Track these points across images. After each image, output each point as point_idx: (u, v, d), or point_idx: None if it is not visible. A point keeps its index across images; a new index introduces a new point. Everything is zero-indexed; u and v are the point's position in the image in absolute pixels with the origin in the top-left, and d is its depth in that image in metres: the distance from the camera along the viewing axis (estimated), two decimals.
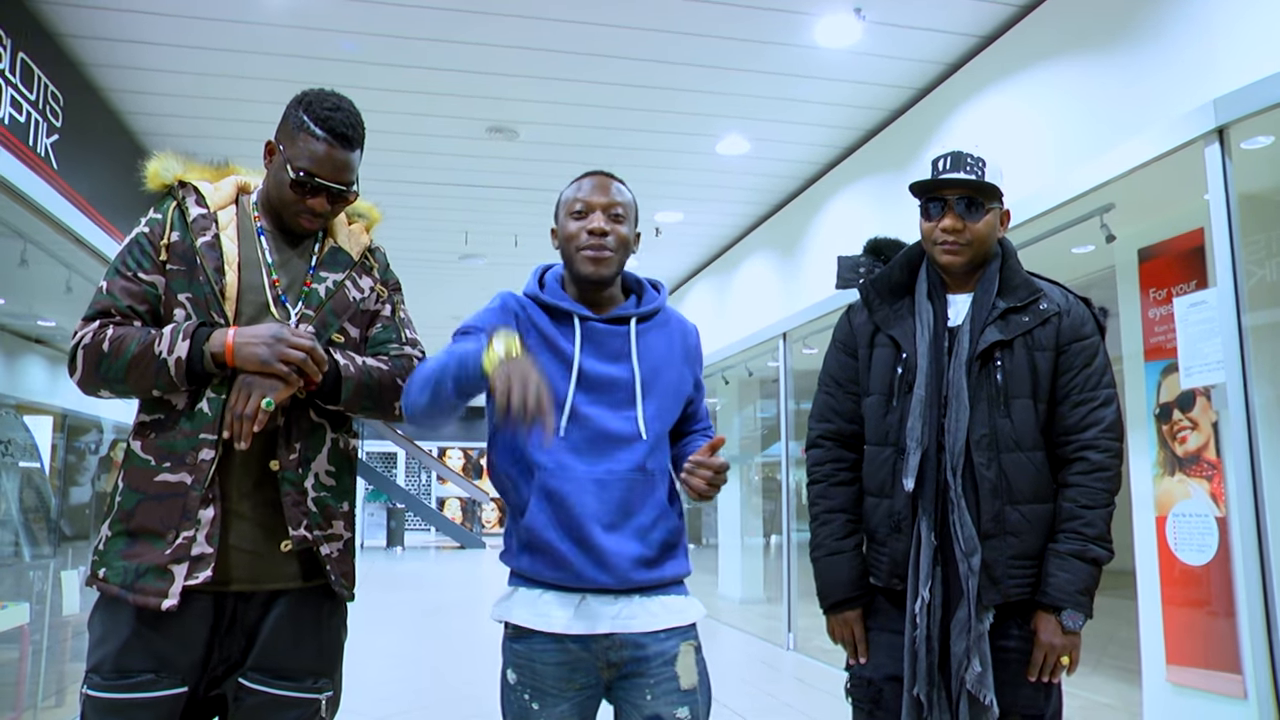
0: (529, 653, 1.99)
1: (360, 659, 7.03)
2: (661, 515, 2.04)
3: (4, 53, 4.34)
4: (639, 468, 2.02)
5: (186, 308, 1.92)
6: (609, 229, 2.05)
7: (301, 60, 5.42)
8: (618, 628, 1.96)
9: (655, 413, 2.07)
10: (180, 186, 2.02)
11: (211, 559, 1.84)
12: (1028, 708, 2.09)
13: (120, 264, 1.96)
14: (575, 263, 2.07)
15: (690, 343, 2.21)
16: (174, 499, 1.85)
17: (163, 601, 1.80)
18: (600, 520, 1.97)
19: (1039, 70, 4.83)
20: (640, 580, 1.99)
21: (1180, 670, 4.45)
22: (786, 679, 6.56)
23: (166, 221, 1.97)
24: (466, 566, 16.66)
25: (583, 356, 2.04)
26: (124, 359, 1.85)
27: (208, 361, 1.85)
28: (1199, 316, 3.82)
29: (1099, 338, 2.19)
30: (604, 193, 2.09)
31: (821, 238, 7.36)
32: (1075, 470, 2.11)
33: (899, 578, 2.16)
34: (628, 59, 5.51)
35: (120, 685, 1.81)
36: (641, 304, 2.15)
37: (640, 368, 2.07)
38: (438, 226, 8.84)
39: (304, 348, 1.86)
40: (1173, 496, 4.51)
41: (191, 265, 1.93)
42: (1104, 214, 4.51)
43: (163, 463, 1.88)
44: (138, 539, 1.86)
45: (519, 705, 2.00)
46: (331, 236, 2.13)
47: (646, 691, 1.97)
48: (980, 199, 2.15)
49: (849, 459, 2.31)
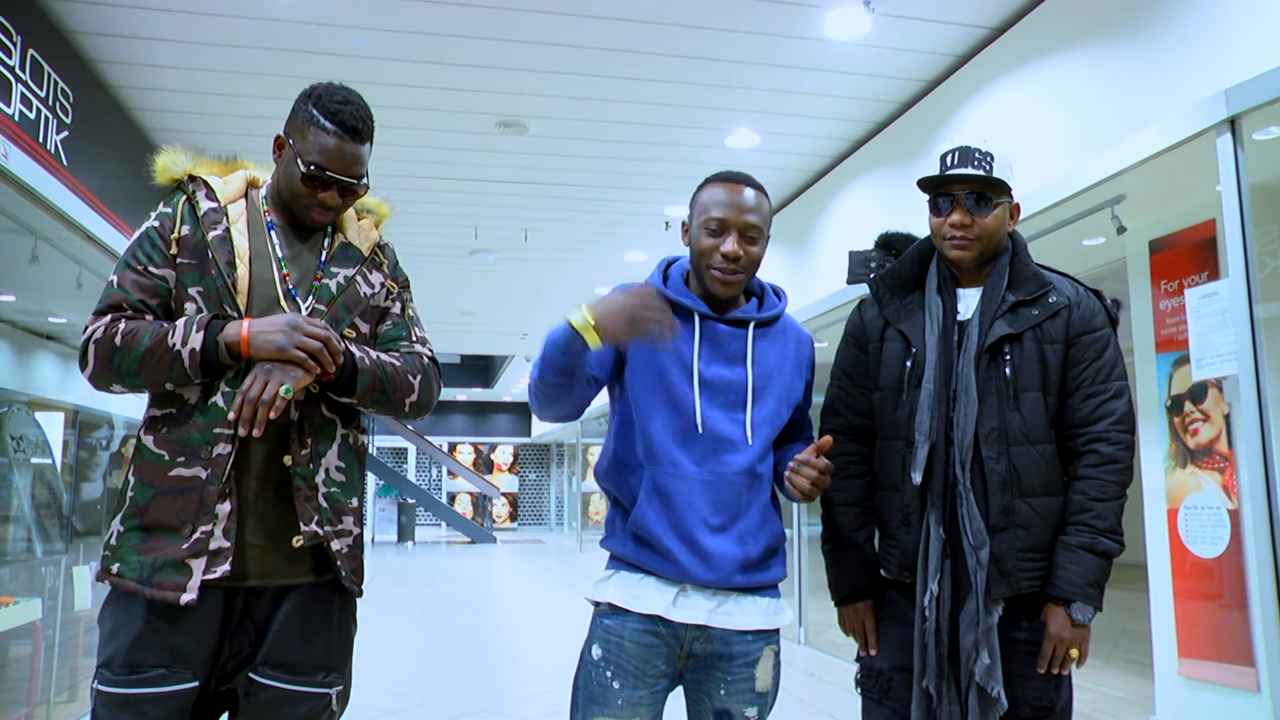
0: (620, 629, 2.01)
1: (372, 653, 7.06)
2: (766, 519, 2.07)
3: (14, 49, 4.35)
4: (748, 470, 2.04)
5: (198, 301, 1.91)
6: (743, 252, 2.04)
7: (310, 56, 5.43)
8: (713, 621, 1.99)
9: (765, 418, 2.07)
10: (190, 180, 2.02)
11: (229, 554, 1.85)
12: (1037, 700, 2.08)
13: (130, 258, 1.95)
14: (705, 279, 2.07)
15: (804, 352, 2.20)
16: (189, 493, 1.85)
17: (181, 595, 1.81)
18: (708, 521, 1.99)
19: (1049, 62, 4.80)
20: (740, 582, 2.01)
21: (1192, 663, 4.43)
22: (798, 673, 6.56)
23: (176, 215, 1.97)
24: (477, 561, 16.70)
25: (700, 359, 2.05)
26: (137, 352, 1.85)
27: (222, 353, 1.85)
28: (1211, 308, 3.81)
29: (1110, 330, 2.18)
30: (742, 211, 2.05)
31: (831, 231, 7.35)
32: (1086, 463, 2.11)
33: (909, 571, 2.16)
34: (637, 52, 5.50)
35: (131, 680, 1.81)
36: (763, 308, 2.16)
37: (754, 372, 2.07)
38: (448, 221, 8.85)
39: (320, 336, 1.86)
40: (1184, 489, 4.49)
41: (203, 259, 1.93)
42: (1115, 205, 4.50)
43: (177, 457, 1.87)
44: (152, 533, 1.86)
45: (599, 681, 2.01)
46: (341, 232, 2.12)
47: (722, 686, 2.01)
48: (989, 194, 2.14)
49: (860, 452, 2.31)
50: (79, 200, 4.84)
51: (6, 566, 5.90)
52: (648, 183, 7.81)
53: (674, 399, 2.03)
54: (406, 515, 21.26)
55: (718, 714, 2.03)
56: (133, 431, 5.77)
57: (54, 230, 4.86)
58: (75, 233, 4.89)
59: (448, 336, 16.23)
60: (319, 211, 2.01)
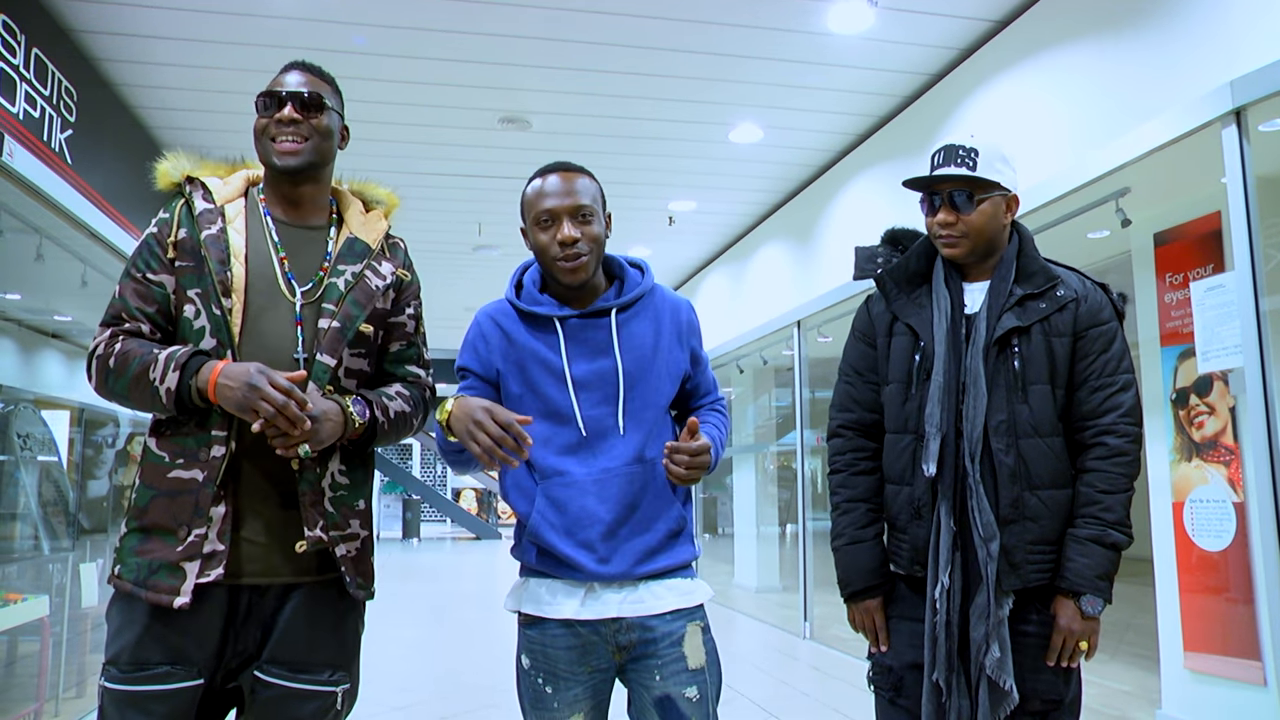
0: (542, 638, 2.02)
1: (378, 649, 7.07)
2: (665, 503, 2.06)
3: (18, 48, 4.35)
4: (635, 460, 2.03)
5: (196, 303, 1.91)
6: (579, 234, 2.04)
7: (314, 53, 5.37)
8: (625, 611, 1.99)
9: (642, 404, 2.06)
10: (188, 183, 2.02)
11: (223, 556, 1.84)
12: (1047, 693, 2.09)
13: (131, 266, 1.96)
14: (554, 272, 2.07)
15: (681, 318, 2.18)
16: (186, 495, 1.86)
17: (174, 599, 1.81)
18: (604, 520, 1.99)
19: (1053, 54, 4.79)
20: (646, 571, 2.02)
21: (1198, 657, 4.43)
22: (803, 668, 6.56)
23: (174, 220, 1.97)
24: (482, 557, 16.72)
25: (570, 361, 2.05)
26: (126, 379, 1.88)
27: (194, 395, 1.84)
28: (1216, 300, 3.80)
29: (1117, 323, 2.19)
30: (567, 195, 2.06)
31: (835, 225, 7.34)
32: (1094, 455, 2.11)
33: (920, 564, 2.16)
34: (639, 47, 5.49)
35: (137, 678, 1.82)
36: (624, 292, 2.13)
37: (624, 360, 2.06)
38: (451, 217, 8.85)
39: (276, 404, 1.78)
40: (1190, 482, 4.48)
41: (199, 260, 1.92)
42: (1119, 198, 4.48)
43: (176, 459, 1.88)
44: (151, 535, 1.87)
45: (533, 689, 2.04)
46: (347, 226, 2.10)
47: (655, 672, 2.00)
48: (974, 191, 2.15)
49: (869, 448, 2.31)
50: (83, 198, 4.84)
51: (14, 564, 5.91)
52: (651, 178, 7.80)
53: (554, 409, 2.04)
54: (411, 512, 21.28)
55: (658, 702, 1.99)
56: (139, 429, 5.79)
57: (58, 228, 4.86)
58: (80, 231, 4.90)
59: (451, 333, 16.18)
60: (285, 139, 1.98)
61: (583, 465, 2.02)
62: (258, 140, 2.02)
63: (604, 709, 2.09)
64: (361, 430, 1.96)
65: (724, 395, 2.31)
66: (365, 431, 1.97)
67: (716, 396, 2.27)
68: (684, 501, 2.11)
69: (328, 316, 1.97)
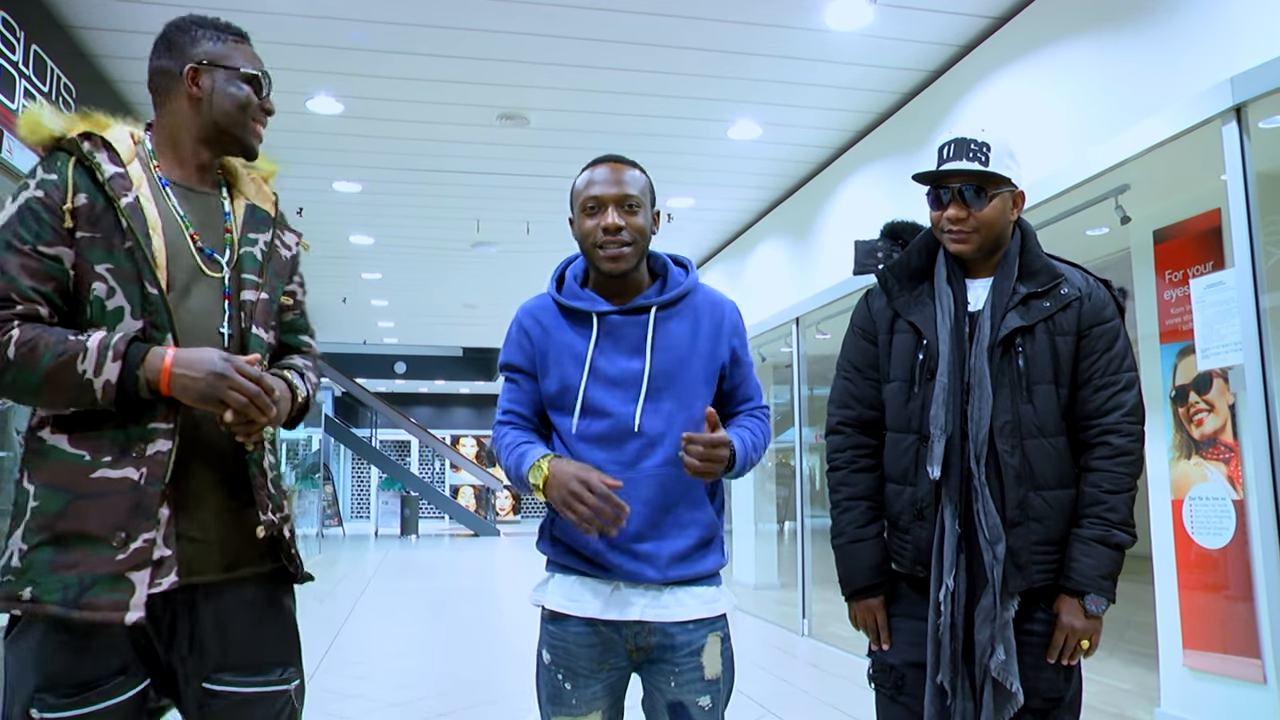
0: (563, 635, 2.02)
1: (377, 646, 7.07)
2: (698, 508, 2.05)
3: (17, 45, 4.34)
4: (669, 461, 2.02)
5: (107, 279, 1.68)
6: (624, 223, 2.03)
7: (311, 50, 5.42)
8: (649, 616, 1.99)
9: (676, 405, 2.05)
10: (85, 139, 1.74)
11: (173, 562, 1.67)
12: (1048, 690, 2.08)
13: (13, 237, 1.65)
14: (594, 260, 2.06)
15: (723, 316, 2.15)
16: (117, 497, 1.64)
17: (125, 614, 1.60)
18: (635, 521, 1.97)
19: (1052, 51, 4.79)
20: (675, 576, 2.01)
21: (1198, 655, 4.43)
22: (801, 665, 6.56)
23: (67, 183, 1.69)
24: (481, 554, 16.71)
25: (598, 354, 2.04)
26: (37, 372, 1.61)
27: (142, 388, 1.64)
28: (1216, 297, 3.79)
29: (1119, 321, 2.17)
30: (615, 184, 2.06)
31: (834, 222, 7.33)
32: (1097, 455, 2.10)
33: (922, 565, 2.15)
34: (638, 44, 5.48)
35: (87, 698, 1.62)
36: (666, 289, 2.12)
37: (656, 360, 2.05)
38: (450, 214, 8.84)
39: (249, 391, 1.66)
40: (1189, 480, 4.48)
41: (109, 232, 1.69)
42: (1119, 195, 4.48)
43: (101, 457, 1.65)
44: (69, 547, 1.62)
45: (553, 684, 2.03)
46: (240, 192, 1.94)
47: (671, 679, 2.00)
48: (985, 186, 2.13)
49: (869, 445, 2.29)
50: None
51: None
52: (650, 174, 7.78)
53: (586, 405, 2.03)
54: (410, 508, 21.26)
55: (671, 707, 2.02)
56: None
57: None
58: None
59: (450, 329, 16.22)
60: (262, 126, 1.91)
61: (616, 463, 2.00)
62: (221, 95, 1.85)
63: (620, 706, 2.09)
64: (304, 406, 1.90)
65: (768, 405, 2.26)
66: (301, 408, 1.90)
67: (759, 403, 2.23)
68: (718, 509, 2.11)
69: (252, 289, 1.85)
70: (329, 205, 8.36)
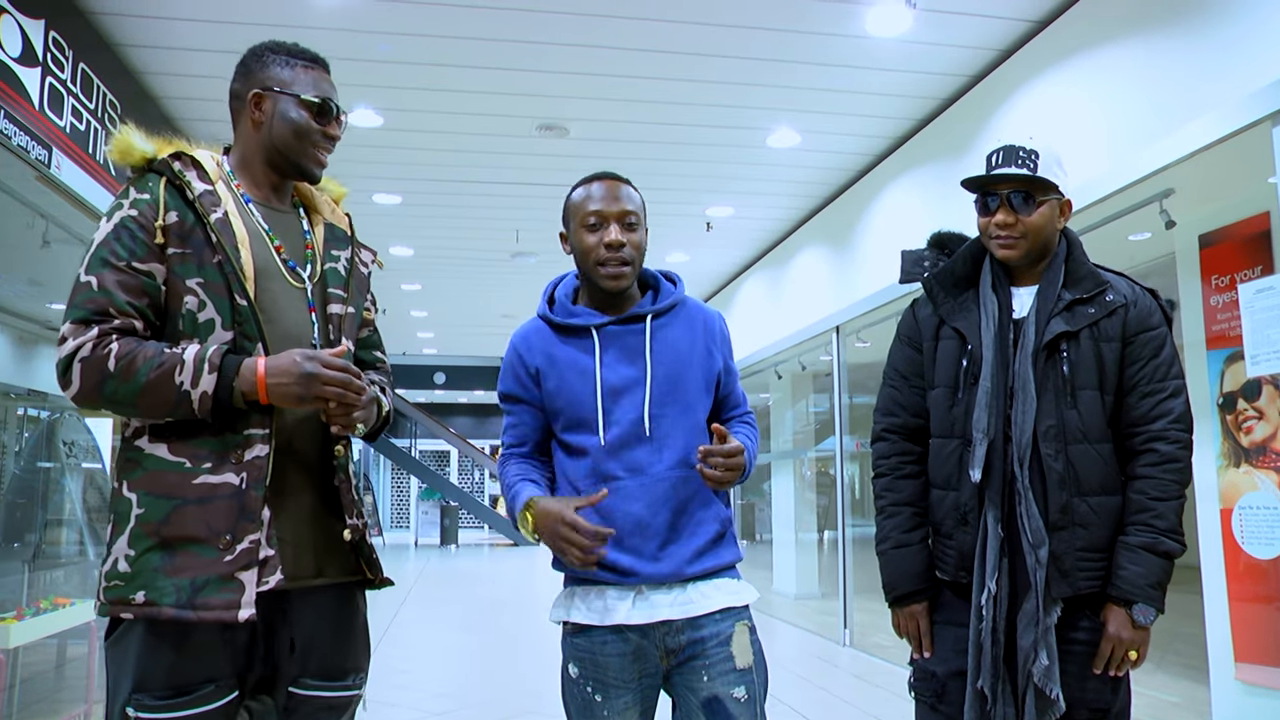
0: (591, 646, 2.02)
1: (417, 655, 7.11)
2: (710, 506, 2.07)
3: (66, 63, 4.43)
4: (680, 464, 2.04)
5: (198, 293, 1.75)
6: (625, 240, 2.05)
7: (350, 63, 5.47)
8: (675, 613, 1.99)
9: (681, 409, 2.07)
10: (176, 159, 1.83)
11: (277, 561, 1.73)
12: (1094, 701, 2.06)
13: (109, 254, 1.73)
14: (595, 277, 2.08)
15: (713, 327, 2.19)
16: (221, 501, 1.71)
17: (237, 613, 1.66)
18: (652, 525, 2.00)
19: (1094, 54, 4.73)
20: (695, 571, 2.01)
21: (1250, 668, 4.34)
22: (843, 675, 6.51)
23: (158, 201, 1.77)
24: (520, 563, 16.75)
25: (604, 367, 2.06)
26: (135, 384, 1.68)
27: (237, 398, 1.71)
28: (1266, 303, 3.73)
29: (1166, 329, 2.16)
30: (616, 201, 2.08)
31: (874, 230, 7.29)
32: (1144, 462, 2.08)
33: (966, 570, 2.14)
34: (677, 53, 5.49)
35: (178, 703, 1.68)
36: (658, 300, 2.15)
37: (657, 365, 2.07)
38: (489, 225, 8.90)
39: (339, 382, 1.74)
40: (1239, 488, 4.40)
41: (200, 247, 1.76)
42: (1163, 199, 4.42)
43: (201, 464, 1.72)
44: (176, 550, 1.69)
45: (582, 698, 2.03)
46: (317, 213, 2.03)
47: (703, 673, 1.99)
48: (1034, 193, 2.13)
49: (915, 452, 2.29)
50: None
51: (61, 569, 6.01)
52: (689, 184, 7.79)
53: (593, 418, 2.04)
54: (449, 518, 21.37)
55: (706, 704, 1.98)
56: None
57: None
58: None
59: (488, 339, 16.30)
60: (324, 152, 1.95)
61: (627, 471, 2.02)
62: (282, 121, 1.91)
63: (651, 716, 2.09)
64: (386, 419, 1.96)
65: (752, 410, 2.31)
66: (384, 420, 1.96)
67: (746, 409, 2.27)
68: (725, 502, 2.12)
69: (338, 302, 1.93)
70: (369, 217, 8.44)
